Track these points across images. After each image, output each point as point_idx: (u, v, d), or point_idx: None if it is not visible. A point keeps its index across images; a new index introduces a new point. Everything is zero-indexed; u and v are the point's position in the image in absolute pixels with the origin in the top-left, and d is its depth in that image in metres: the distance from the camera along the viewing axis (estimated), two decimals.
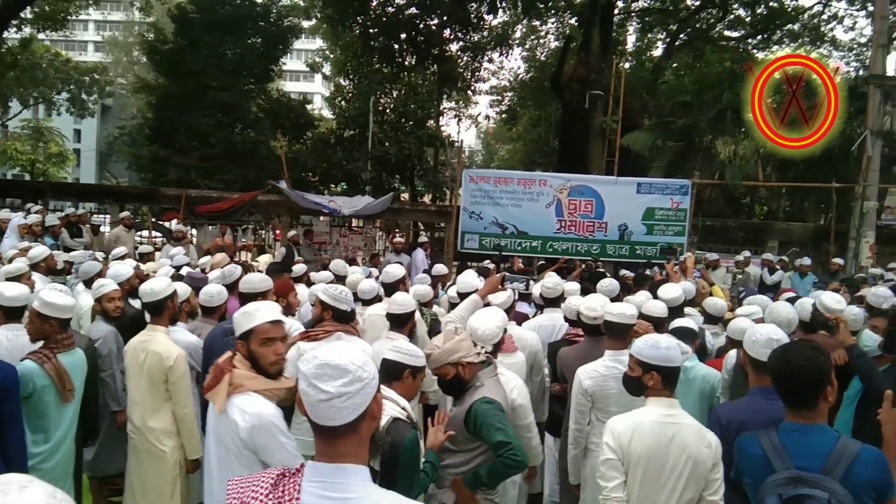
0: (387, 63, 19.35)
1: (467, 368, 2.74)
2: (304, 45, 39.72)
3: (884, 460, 2.20)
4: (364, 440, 1.50)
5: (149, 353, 3.61)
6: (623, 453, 2.57)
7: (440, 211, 15.55)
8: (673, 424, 2.58)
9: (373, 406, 1.48)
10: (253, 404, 2.38)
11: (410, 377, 2.70)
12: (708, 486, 2.55)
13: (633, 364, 2.75)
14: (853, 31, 21.49)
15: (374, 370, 1.50)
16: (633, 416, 2.66)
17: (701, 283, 7.45)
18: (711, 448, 2.56)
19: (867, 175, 13.13)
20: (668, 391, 2.67)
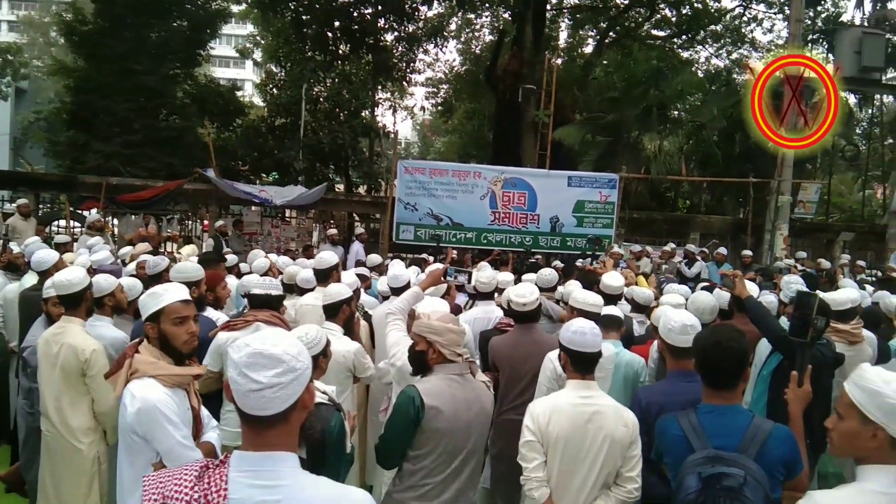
0: (320, 51, 19.02)
1: (437, 355, 2.73)
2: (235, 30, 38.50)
3: (793, 437, 2.34)
4: (294, 430, 1.48)
5: (63, 345, 3.43)
6: (542, 435, 2.65)
7: (375, 202, 15.48)
8: (590, 405, 2.67)
9: (305, 396, 1.46)
10: (142, 389, 2.35)
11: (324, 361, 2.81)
12: (625, 463, 2.67)
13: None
14: (771, 33, 22.59)
15: (308, 360, 1.48)
16: (551, 399, 2.75)
17: (627, 273, 7.74)
18: (629, 427, 2.68)
19: (782, 171, 13.87)
20: (582, 374, 2.77)
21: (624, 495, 2.67)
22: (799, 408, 2.53)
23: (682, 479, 2.19)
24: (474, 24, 24.22)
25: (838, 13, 20.23)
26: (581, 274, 7.06)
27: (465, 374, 2.74)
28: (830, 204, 22.02)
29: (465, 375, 2.73)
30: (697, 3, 20.87)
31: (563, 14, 23.42)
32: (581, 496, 2.64)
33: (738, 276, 4.20)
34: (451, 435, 2.61)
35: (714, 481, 2.09)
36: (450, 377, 2.69)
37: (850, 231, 15.72)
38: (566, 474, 2.64)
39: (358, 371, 3.78)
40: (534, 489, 2.65)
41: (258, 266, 5.94)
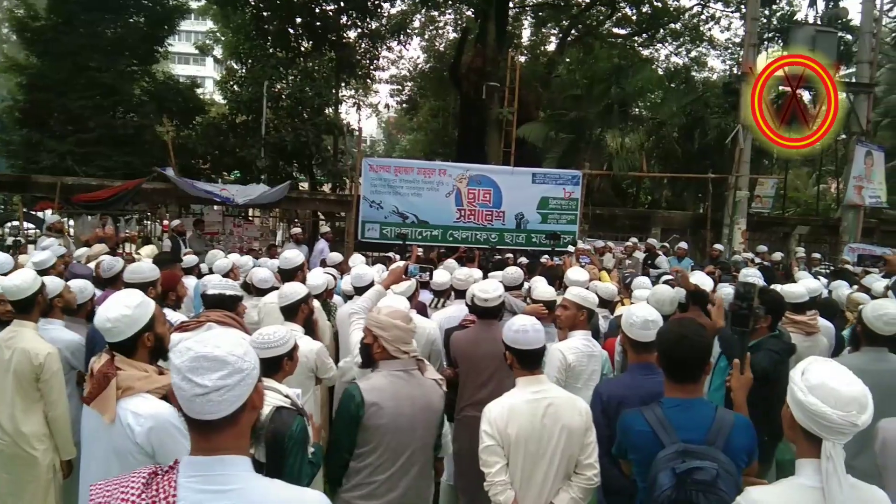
0: (281, 47, 18.76)
1: (381, 350, 2.72)
2: (194, 26, 37.79)
3: (752, 426, 2.40)
4: (244, 431, 1.45)
5: (16, 350, 3.34)
6: (501, 437, 2.65)
7: (340, 200, 15.34)
8: (543, 399, 2.70)
9: (254, 397, 1.43)
10: (148, 406, 2.24)
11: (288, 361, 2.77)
12: (583, 451, 2.71)
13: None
14: (729, 32, 23.10)
15: (255, 359, 1.44)
16: (505, 400, 2.75)
17: (591, 268, 7.82)
18: (583, 415, 2.72)
19: (739, 166, 14.20)
20: (529, 370, 2.79)
21: (584, 482, 2.71)
22: (742, 395, 2.60)
23: (655, 476, 2.20)
24: (438, 21, 24.22)
25: (793, 12, 20.76)
26: (545, 269, 7.12)
27: (412, 371, 2.74)
28: (786, 199, 22.63)
29: (410, 372, 2.73)
30: (657, 2, 21.22)
31: (525, 12, 23.58)
32: (545, 490, 2.66)
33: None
34: (393, 431, 2.62)
35: (687, 476, 2.11)
36: (393, 373, 2.70)
37: (806, 225, 16.17)
38: (529, 471, 2.66)
39: (320, 371, 3.73)
40: (499, 493, 2.64)
41: (219, 266, 5.83)
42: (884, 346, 3.27)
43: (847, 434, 1.70)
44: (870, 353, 3.26)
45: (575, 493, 2.69)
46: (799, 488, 1.77)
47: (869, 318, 3.27)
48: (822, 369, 1.78)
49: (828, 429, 1.70)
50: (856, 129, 14.70)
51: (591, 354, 3.70)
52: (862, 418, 1.69)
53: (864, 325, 3.31)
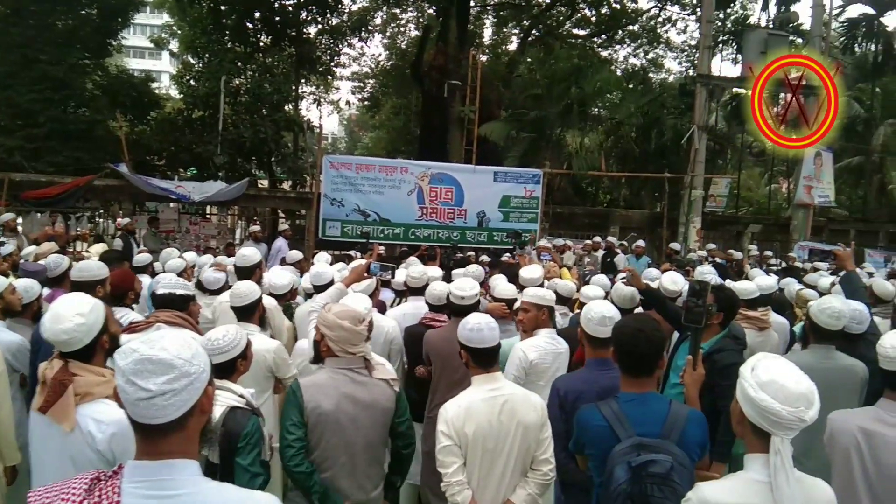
0: (240, 42, 18.43)
1: (326, 349, 2.70)
2: (150, 19, 36.84)
3: (705, 420, 2.44)
4: (193, 436, 1.40)
5: None
6: (458, 436, 2.64)
7: (300, 198, 15.17)
8: (499, 396, 2.71)
9: (203, 401, 1.39)
10: (108, 412, 2.17)
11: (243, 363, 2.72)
12: (539, 446, 2.73)
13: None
14: (685, 34, 23.59)
15: (205, 362, 1.40)
16: (462, 399, 2.74)
17: (550, 265, 7.90)
18: (538, 410, 2.73)
19: (694, 166, 14.55)
20: (485, 368, 2.80)
21: (541, 478, 2.72)
22: (695, 390, 2.65)
23: (611, 469, 2.23)
24: (400, 18, 24.11)
25: (746, 15, 21.34)
26: (505, 267, 7.16)
27: (358, 370, 2.72)
28: (739, 198, 23.26)
29: (356, 370, 2.72)
30: (615, 4, 21.55)
31: (487, 11, 23.66)
32: (502, 487, 2.67)
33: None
34: (334, 429, 2.62)
35: (642, 469, 2.14)
36: (337, 371, 2.69)
37: (758, 223, 16.66)
38: (487, 469, 2.66)
39: (280, 371, 3.65)
40: (456, 493, 2.64)
41: (172, 266, 5.69)
42: (831, 343, 3.34)
43: (795, 429, 1.75)
44: (818, 350, 3.33)
45: (531, 489, 2.71)
46: (748, 482, 1.81)
47: (815, 313, 3.35)
48: (771, 366, 1.82)
49: (776, 424, 1.74)
50: None
51: (557, 352, 3.70)
52: (809, 413, 1.74)
53: (812, 322, 3.39)
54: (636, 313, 3.21)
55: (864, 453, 2.42)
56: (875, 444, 2.40)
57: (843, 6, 21.04)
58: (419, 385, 4.21)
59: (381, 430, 2.78)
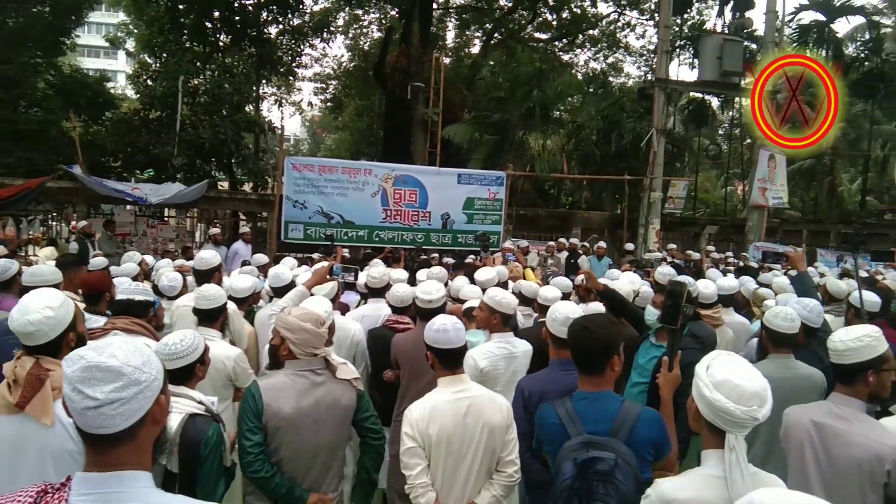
0: (198, 42, 18.08)
1: (287, 351, 2.66)
2: (105, 18, 35.95)
3: (661, 420, 2.47)
4: (144, 446, 1.36)
5: None
6: (423, 438, 2.64)
7: (262, 200, 14.95)
8: (465, 398, 2.70)
9: (155, 410, 1.35)
10: None
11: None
12: (504, 448, 2.73)
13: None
14: (643, 39, 24.09)
15: (157, 370, 1.36)
16: (426, 401, 2.74)
17: (515, 267, 7.96)
18: (503, 412, 2.73)
19: (653, 169, 14.82)
20: (451, 370, 2.79)
21: (506, 479, 2.72)
22: (669, 391, 2.64)
23: (559, 465, 2.26)
24: (362, 20, 24.01)
25: (702, 21, 21.81)
26: (469, 269, 7.18)
27: (318, 371, 2.70)
28: (697, 200, 23.82)
29: (317, 371, 2.69)
30: (576, 8, 21.85)
31: (449, 14, 23.74)
32: (467, 489, 2.67)
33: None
34: (293, 432, 2.59)
35: (588, 466, 2.17)
36: (297, 373, 2.66)
37: (714, 225, 17.08)
38: (451, 471, 2.65)
39: (239, 380, 3.55)
40: (420, 496, 2.63)
41: (125, 270, 5.53)
42: (789, 349, 3.35)
43: (748, 427, 1.81)
44: (776, 360, 3.33)
45: (496, 490, 2.71)
46: (704, 478, 1.86)
47: (770, 320, 3.36)
48: (725, 365, 1.87)
49: (730, 423, 1.80)
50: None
51: (510, 356, 3.67)
52: (762, 412, 1.80)
53: (769, 329, 3.38)
54: (595, 313, 3.21)
55: (817, 445, 2.49)
56: (826, 436, 2.47)
57: (795, 13, 21.72)
58: (384, 389, 4.18)
59: (343, 430, 2.76)
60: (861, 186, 24.12)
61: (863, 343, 2.46)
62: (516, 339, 3.80)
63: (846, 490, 2.37)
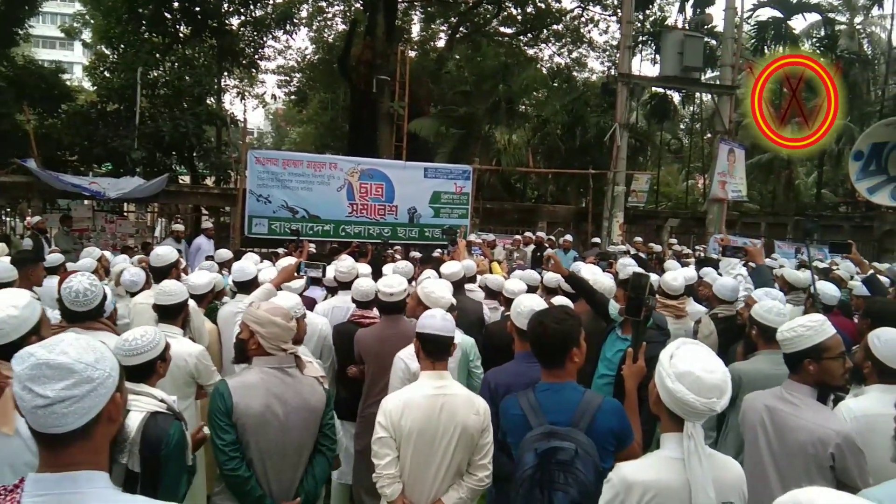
0: (157, 32, 17.65)
1: (256, 346, 2.61)
2: (60, 8, 34.92)
3: (622, 410, 2.50)
4: (100, 446, 1.32)
5: None
6: (395, 429, 2.62)
7: (224, 194, 14.70)
8: (442, 395, 2.67)
9: (109, 408, 1.31)
10: None
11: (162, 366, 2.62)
12: (477, 451, 2.69)
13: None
14: (606, 34, 24.32)
15: (111, 367, 1.32)
16: (404, 393, 2.73)
17: (479, 259, 7.99)
18: (480, 414, 2.69)
19: (617, 163, 15.01)
20: (432, 361, 2.76)
21: (475, 483, 2.69)
22: (634, 383, 2.67)
23: (521, 455, 2.28)
24: (326, 12, 23.74)
25: (664, 17, 22.15)
26: (436, 263, 7.18)
27: (288, 368, 2.66)
28: (659, 193, 24.23)
29: (286, 369, 2.65)
30: (540, 3, 21.95)
31: (414, 7, 23.63)
32: (434, 487, 2.65)
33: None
34: (263, 430, 2.55)
35: (549, 456, 2.20)
36: (267, 370, 2.62)
37: (676, 218, 17.40)
38: (420, 466, 2.64)
39: (202, 377, 3.49)
40: (386, 486, 2.62)
41: (82, 265, 5.38)
42: (778, 347, 3.23)
43: (705, 416, 1.88)
44: (769, 356, 3.27)
45: (463, 492, 2.67)
46: (664, 460, 1.93)
47: (762, 314, 3.32)
48: (688, 355, 1.92)
49: (690, 413, 1.86)
50: (720, 128, 15.94)
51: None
52: (720, 403, 1.86)
53: (760, 324, 3.34)
54: (553, 306, 3.21)
55: (769, 429, 2.57)
56: (777, 420, 2.55)
57: (753, 9, 22.22)
58: (349, 384, 4.17)
59: (312, 431, 2.72)
60: (817, 180, 24.90)
61: (797, 333, 2.56)
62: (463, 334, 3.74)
63: (795, 472, 2.45)
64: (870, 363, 2.72)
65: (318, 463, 2.76)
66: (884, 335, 2.71)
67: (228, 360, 3.78)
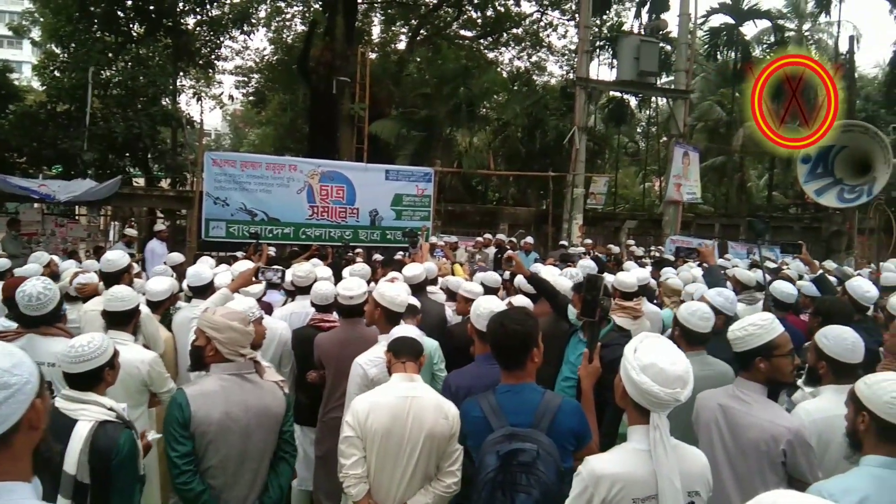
0: (110, 31, 17.19)
1: (214, 352, 2.56)
2: (8, 5, 33.85)
3: (580, 410, 2.55)
4: (21, 454, 1.27)
5: None
6: (362, 430, 2.61)
7: (180, 197, 14.38)
8: (411, 398, 2.65)
9: (29, 415, 1.26)
10: None
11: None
12: (446, 458, 2.67)
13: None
14: (565, 39, 24.63)
15: (30, 373, 1.28)
16: (374, 394, 2.72)
17: (442, 263, 8.00)
18: (449, 420, 2.66)
19: (576, 166, 15.22)
20: (402, 360, 2.77)
21: (442, 490, 2.66)
22: (590, 383, 2.72)
23: (482, 458, 2.28)
24: (285, 12, 23.45)
25: (620, 22, 22.52)
26: (397, 266, 7.16)
27: (247, 374, 2.62)
28: (617, 195, 24.65)
29: (245, 375, 2.61)
30: (500, 7, 22.11)
31: (374, 8, 23.55)
32: (400, 490, 2.63)
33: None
34: (223, 440, 2.50)
35: (511, 458, 2.21)
36: (224, 377, 2.57)
37: (633, 219, 17.72)
38: (385, 468, 2.63)
39: (155, 385, 3.40)
40: (351, 486, 2.61)
41: (28, 270, 5.20)
42: (703, 349, 3.35)
43: (671, 407, 1.94)
44: (692, 358, 3.20)
45: (430, 499, 2.65)
46: (631, 452, 1.99)
47: (686, 317, 3.35)
48: (651, 348, 1.99)
49: (655, 403, 1.92)
50: (675, 131, 16.33)
51: None
52: (684, 393, 1.92)
53: (683, 327, 3.35)
54: (512, 307, 3.22)
55: (722, 427, 2.64)
56: (730, 418, 2.62)
57: (706, 16, 22.80)
58: (309, 389, 4.12)
59: (272, 437, 2.68)
60: (768, 182, 25.64)
61: (747, 332, 2.62)
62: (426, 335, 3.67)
63: (749, 469, 2.51)
64: (824, 363, 2.80)
65: (282, 470, 2.72)
66: (830, 333, 2.81)
67: (184, 367, 3.70)
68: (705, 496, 2.05)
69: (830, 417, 2.60)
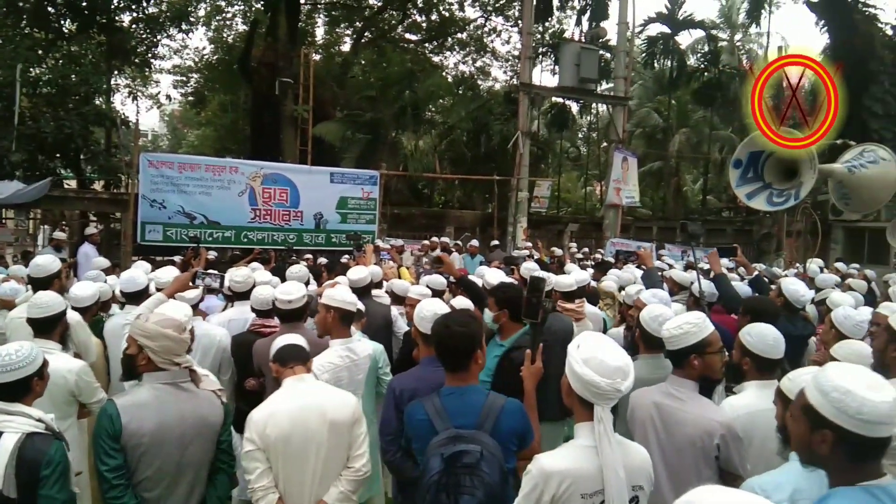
0: (39, 27, 16.43)
1: (146, 361, 2.47)
2: None
3: (523, 410, 2.58)
4: None
5: None
6: (262, 441, 2.59)
7: (114, 199, 13.87)
8: (307, 395, 2.70)
9: None
10: None
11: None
12: (353, 443, 2.74)
13: None
14: (509, 45, 24.91)
15: None
16: (268, 404, 2.70)
17: (388, 266, 7.97)
18: (350, 407, 2.74)
19: (520, 170, 15.43)
20: (292, 367, 2.80)
21: (353, 475, 2.72)
22: (532, 383, 2.75)
23: (427, 461, 2.29)
24: (225, 11, 22.93)
25: (562, 30, 22.92)
26: (343, 269, 7.11)
27: (182, 383, 2.55)
28: (560, 199, 25.11)
29: (180, 385, 2.54)
30: (444, 11, 22.24)
31: (318, 9, 23.31)
32: (313, 489, 2.64)
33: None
34: (157, 449, 2.43)
35: (454, 460, 2.22)
36: (158, 387, 2.49)
37: (576, 223, 18.08)
38: (294, 472, 2.62)
39: (84, 395, 3.27)
40: (261, 498, 2.58)
41: None
42: (659, 352, 3.32)
43: (613, 399, 2.00)
44: (648, 360, 3.34)
45: (344, 486, 2.69)
46: (578, 449, 2.04)
47: (647, 321, 3.36)
48: (592, 343, 2.07)
49: (598, 395, 1.98)
50: (614, 137, 16.76)
51: (352, 365, 3.49)
52: (625, 384, 2.00)
53: (643, 331, 3.37)
54: (456, 310, 3.22)
55: (657, 425, 2.71)
56: (664, 416, 2.70)
57: (644, 25, 23.50)
58: (249, 397, 4.03)
59: (210, 447, 2.61)
60: (702, 186, 26.60)
61: (683, 330, 2.71)
62: (358, 341, 3.64)
63: (684, 465, 2.59)
64: (747, 359, 2.89)
65: (220, 482, 2.65)
66: (754, 330, 2.92)
67: (116, 376, 3.56)
68: (648, 490, 2.11)
69: (753, 413, 2.71)
